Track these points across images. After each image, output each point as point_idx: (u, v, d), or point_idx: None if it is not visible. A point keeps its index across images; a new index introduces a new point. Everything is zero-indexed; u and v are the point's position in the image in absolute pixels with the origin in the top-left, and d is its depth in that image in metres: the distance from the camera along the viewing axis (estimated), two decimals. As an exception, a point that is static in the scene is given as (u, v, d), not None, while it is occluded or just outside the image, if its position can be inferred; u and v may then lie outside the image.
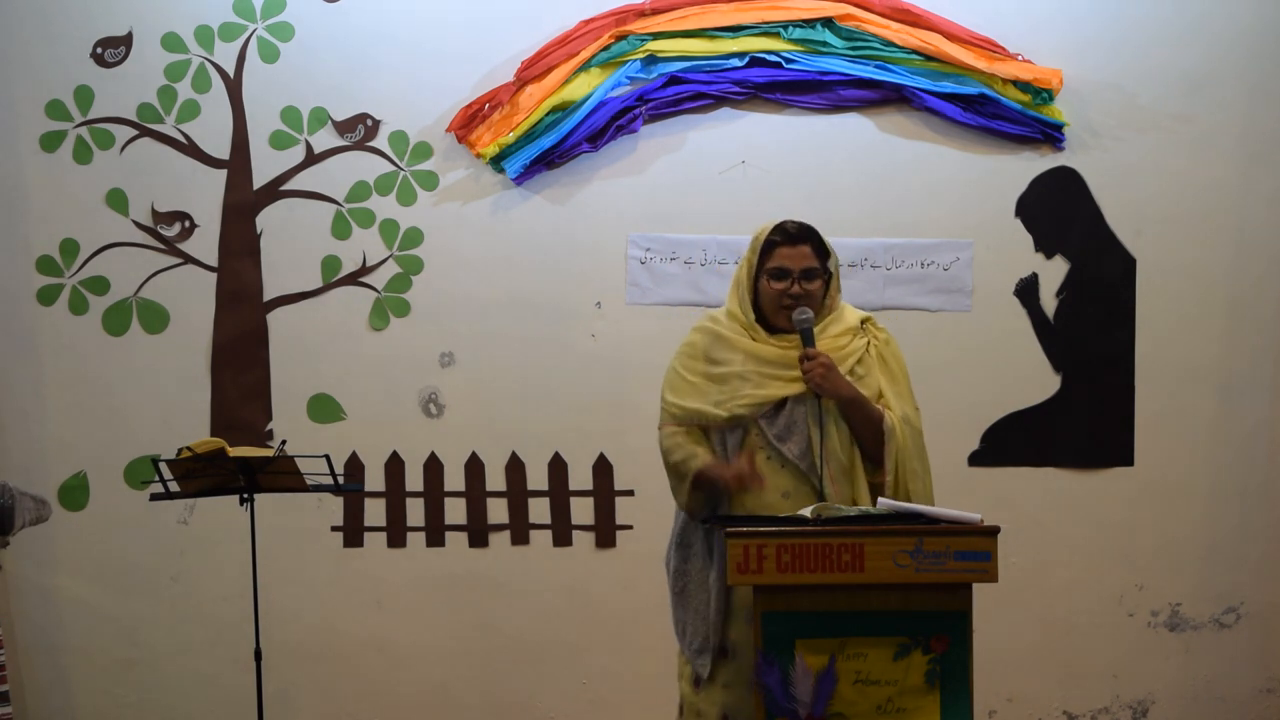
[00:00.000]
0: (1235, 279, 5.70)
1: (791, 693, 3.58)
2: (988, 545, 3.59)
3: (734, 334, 4.02)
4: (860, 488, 3.95)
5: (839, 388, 3.91)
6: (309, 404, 5.63)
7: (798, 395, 3.94)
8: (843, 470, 3.94)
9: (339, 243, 5.64)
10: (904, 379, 4.07)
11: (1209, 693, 5.72)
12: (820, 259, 4.01)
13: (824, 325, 4.02)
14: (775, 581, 3.59)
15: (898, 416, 3.96)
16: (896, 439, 3.93)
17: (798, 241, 3.99)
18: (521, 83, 5.57)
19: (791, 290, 3.97)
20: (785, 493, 3.93)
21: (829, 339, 3.99)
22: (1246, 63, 5.68)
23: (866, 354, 4.03)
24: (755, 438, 3.96)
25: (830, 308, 4.06)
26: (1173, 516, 5.70)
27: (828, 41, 5.58)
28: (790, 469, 3.94)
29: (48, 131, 5.60)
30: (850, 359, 3.99)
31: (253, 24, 5.63)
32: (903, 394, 4.04)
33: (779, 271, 3.98)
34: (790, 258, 3.98)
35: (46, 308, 5.61)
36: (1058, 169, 5.68)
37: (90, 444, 5.61)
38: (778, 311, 3.98)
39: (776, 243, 4.01)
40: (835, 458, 3.93)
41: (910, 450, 3.97)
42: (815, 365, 3.88)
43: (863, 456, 3.96)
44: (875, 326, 4.11)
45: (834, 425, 3.93)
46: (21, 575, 5.58)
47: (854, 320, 4.07)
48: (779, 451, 3.94)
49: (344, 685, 5.63)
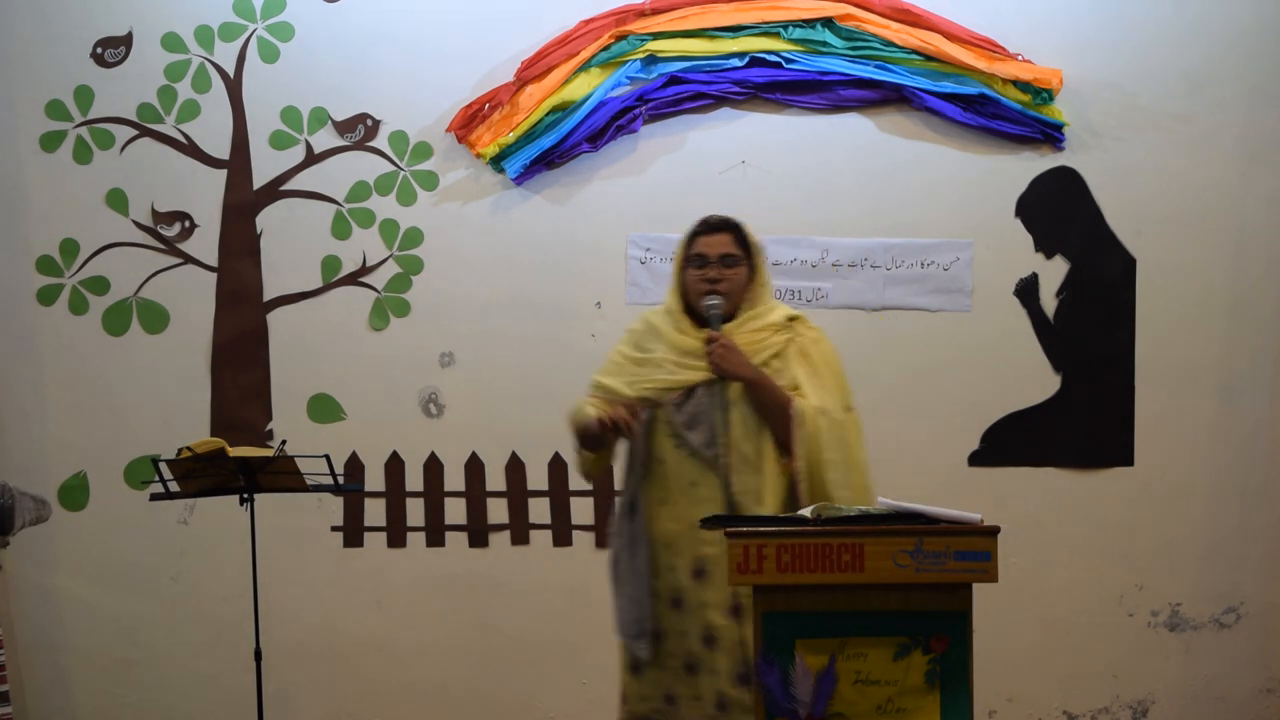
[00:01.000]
0: (1235, 279, 5.70)
1: (791, 693, 3.58)
2: (988, 545, 3.59)
3: (663, 325, 4.13)
4: (768, 478, 3.98)
5: (738, 368, 3.97)
6: (309, 404, 5.63)
7: (706, 384, 4.02)
8: (746, 460, 3.98)
9: (339, 243, 5.65)
10: (830, 375, 4.09)
11: (1209, 693, 5.72)
12: (742, 249, 4.10)
13: (745, 319, 4.09)
14: (775, 581, 3.59)
15: (812, 405, 3.98)
16: (806, 426, 3.96)
17: (717, 230, 4.11)
18: (521, 83, 5.57)
19: (708, 275, 4.05)
20: (692, 482, 4.03)
21: (747, 333, 4.05)
22: (1246, 63, 5.68)
23: (786, 350, 4.07)
24: (663, 426, 4.05)
25: (754, 301, 4.11)
26: (1173, 516, 5.70)
27: (828, 41, 5.58)
28: (696, 458, 4.02)
29: (48, 131, 5.60)
30: (765, 352, 4.05)
31: (253, 24, 5.63)
32: (826, 388, 4.06)
33: (698, 259, 4.09)
34: (709, 245, 4.09)
35: (46, 308, 5.61)
36: (1058, 169, 5.68)
37: (90, 444, 5.61)
38: (699, 299, 4.07)
39: (698, 233, 4.13)
40: (738, 447, 3.98)
41: (826, 440, 3.99)
42: (716, 346, 3.97)
43: (777, 444, 4.00)
44: (805, 325, 4.15)
45: (739, 415, 3.99)
46: (21, 575, 5.58)
47: (779, 318, 4.12)
48: (685, 440, 4.02)
49: (344, 685, 5.64)
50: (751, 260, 4.12)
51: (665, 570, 4.06)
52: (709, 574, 4.01)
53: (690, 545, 4.02)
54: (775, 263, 5.64)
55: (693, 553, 4.02)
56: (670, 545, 4.05)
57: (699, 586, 4.02)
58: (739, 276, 4.08)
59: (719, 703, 4.00)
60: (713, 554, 3.98)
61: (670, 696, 4.06)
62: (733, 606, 3.99)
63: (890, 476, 5.49)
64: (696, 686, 4.03)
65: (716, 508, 3.98)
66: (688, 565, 4.03)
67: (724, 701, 3.99)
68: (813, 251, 5.65)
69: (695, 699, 4.03)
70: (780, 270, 5.63)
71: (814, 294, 5.65)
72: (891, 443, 5.64)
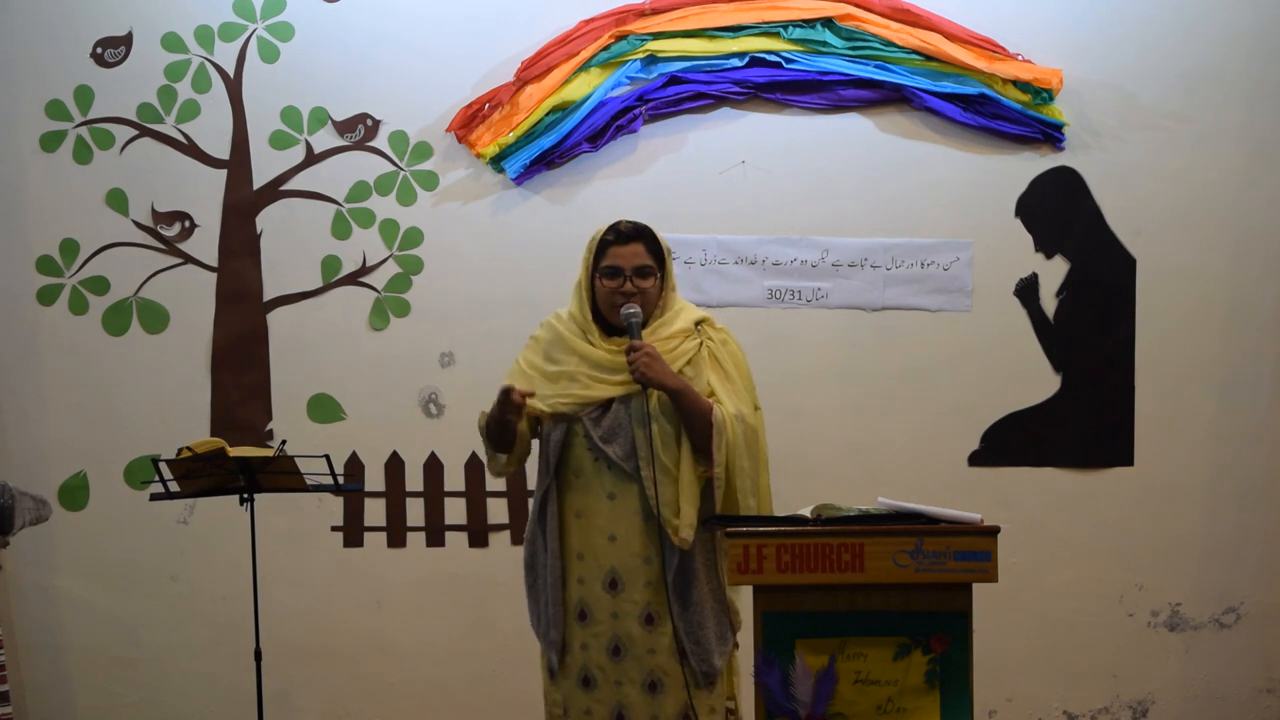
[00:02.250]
0: (1235, 279, 5.69)
1: (791, 693, 3.58)
2: (988, 545, 3.59)
3: (571, 335, 4.07)
4: (685, 487, 3.96)
5: (663, 377, 3.93)
6: (309, 404, 5.63)
7: (623, 397, 3.99)
8: (664, 470, 3.96)
9: (339, 243, 5.64)
10: (740, 378, 4.09)
11: (1209, 693, 5.72)
12: (654, 258, 4.05)
13: (656, 326, 4.05)
14: (775, 581, 3.59)
15: (729, 411, 3.97)
16: (726, 433, 3.95)
17: (630, 240, 4.04)
18: (521, 83, 5.57)
19: (624, 288, 4.01)
20: (611, 494, 4.01)
21: (659, 341, 4.01)
22: (1246, 63, 5.68)
23: (698, 355, 4.04)
24: (581, 439, 4.02)
25: (664, 307, 4.08)
26: (1173, 516, 5.70)
27: (828, 41, 5.58)
28: (615, 470, 3.99)
29: (48, 131, 5.60)
30: (680, 360, 4.01)
31: (253, 24, 5.63)
32: (738, 392, 4.05)
33: (611, 270, 4.03)
34: (622, 256, 4.02)
35: (46, 308, 5.61)
36: (1058, 169, 5.68)
37: (90, 444, 5.61)
38: (612, 310, 4.02)
39: (610, 242, 4.05)
40: (657, 458, 3.95)
41: (741, 447, 3.98)
42: (639, 355, 3.92)
43: (694, 451, 3.98)
44: (713, 327, 4.12)
45: (658, 426, 3.96)
46: (21, 575, 5.58)
47: (688, 321, 4.09)
48: (604, 453, 3.99)
49: (344, 685, 5.64)
50: (663, 267, 4.07)
51: (575, 583, 4.04)
52: (624, 583, 4.00)
53: (606, 557, 4.00)
54: (775, 263, 5.65)
55: (607, 564, 4.00)
56: (584, 557, 4.03)
57: (612, 598, 4.00)
58: (654, 288, 4.04)
59: (617, 714, 4.00)
60: (631, 565, 3.98)
61: (566, 708, 4.07)
62: (647, 615, 3.99)
63: (890, 476, 5.53)
64: (591, 699, 4.02)
65: (636, 519, 3.98)
66: (601, 577, 4.01)
67: (623, 712, 3.99)
68: (813, 251, 5.65)
69: (586, 713, 4.03)
70: (780, 270, 5.63)
71: (814, 294, 5.65)
72: (891, 443, 5.66)
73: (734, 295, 5.64)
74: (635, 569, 3.99)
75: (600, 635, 4.01)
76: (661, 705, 3.99)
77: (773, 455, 5.57)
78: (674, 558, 3.97)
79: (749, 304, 5.65)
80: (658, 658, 3.99)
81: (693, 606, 3.99)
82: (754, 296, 5.65)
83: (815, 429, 5.64)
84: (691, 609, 3.99)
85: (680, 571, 3.98)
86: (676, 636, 3.97)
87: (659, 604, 3.98)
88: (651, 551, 3.98)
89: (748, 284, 5.65)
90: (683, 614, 3.98)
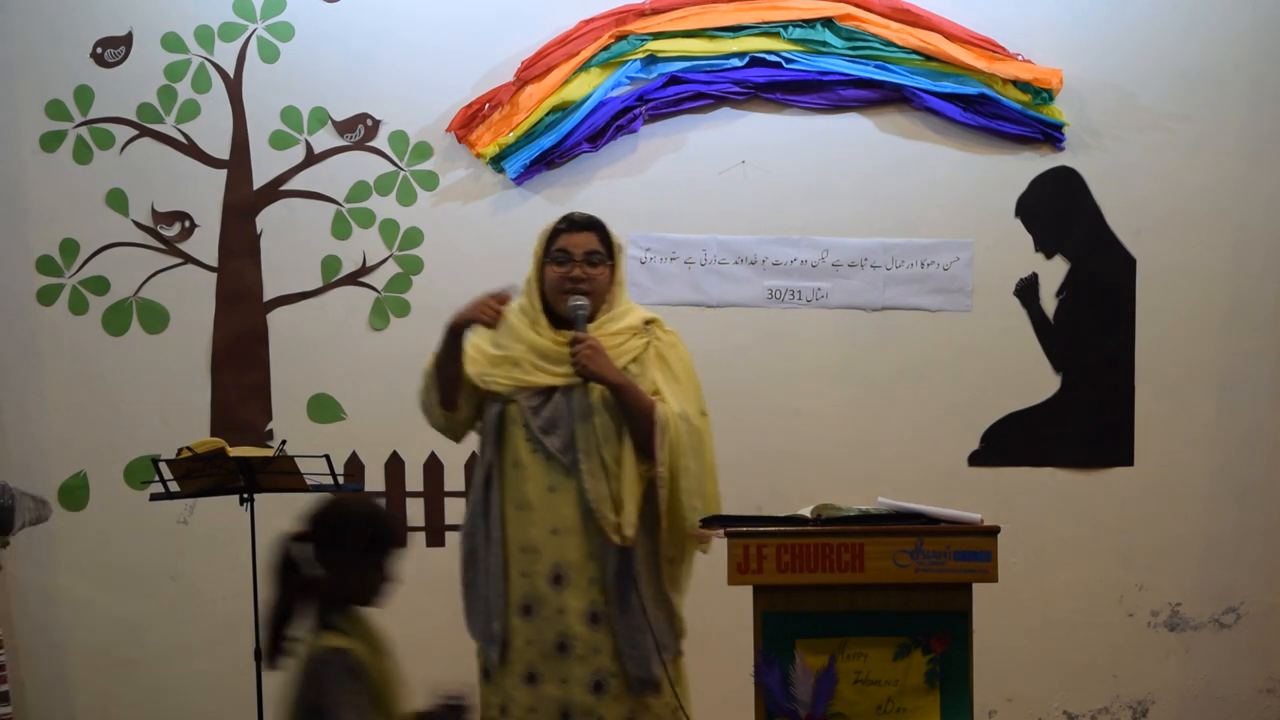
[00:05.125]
0: (1235, 279, 5.70)
1: (791, 693, 3.58)
2: (988, 545, 3.60)
3: (520, 323, 4.05)
4: (627, 484, 3.93)
5: (604, 370, 3.89)
6: (309, 404, 5.63)
7: (565, 388, 3.96)
8: (605, 465, 3.92)
9: (339, 243, 5.65)
10: (687, 379, 4.06)
11: (1209, 693, 5.72)
12: (605, 248, 4.04)
13: (603, 321, 4.02)
14: (775, 581, 3.59)
15: (673, 410, 3.94)
16: (670, 432, 3.92)
17: (583, 229, 4.04)
18: (521, 83, 5.57)
19: (572, 274, 3.99)
20: (551, 486, 3.96)
21: (605, 336, 3.98)
22: (1246, 63, 5.68)
23: (645, 354, 4.02)
24: (520, 429, 3.98)
25: (612, 303, 4.06)
26: (1173, 516, 5.70)
27: (828, 41, 5.58)
28: (554, 463, 3.96)
29: (48, 131, 5.60)
30: (625, 357, 3.99)
31: (253, 24, 5.63)
32: (684, 394, 4.01)
33: (561, 255, 4.01)
34: (572, 242, 4.02)
35: (46, 308, 5.61)
36: (1058, 169, 5.68)
37: (90, 444, 5.61)
38: (560, 298, 3.99)
39: (561, 230, 4.06)
40: (596, 453, 3.92)
41: (686, 447, 3.95)
42: (583, 347, 3.88)
43: (636, 449, 3.95)
44: (662, 329, 4.10)
45: (598, 420, 3.94)
46: (21, 575, 5.58)
47: (637, 320, 4.07)
48: (543, 445, 3.96)
49: (344, 685, 5.63)
50: (613, 260, 4.06)
51: (519, 576, 3.98)
52: (568, 579, 3.95)
53: (550, 551, 3.95)
54: (775, 263, 5.65)
55: (552, 559, 3.95)
56: (527, 551, 3.98)
57: (557, 593, 3.96)
58: (603, 276, 4.02)
59: (563, 713, 3.95)
60: (574, 560, 3.94)
61: (504, 707, 4.00)
62: (591, 614, 3.95)
63: (890, 476, 5.53)
64: (535, 696, 3.96)
65: (574, 513, 3.94)
66: (546, 571, 3.96)
67: (568, 711, 3.95)
68: (813, 251, 5.65)
69: (531, 710, 3.96)
70: (780, 270, 5.63)
71: (814, 294, 5.65)
72: (891, 443, 5.66)
73: (734, 295, 5.64)
74: (579, 565, 3.93)
75: (545, 631, 3.95)
76: (608, 708, 3.93)
77: (773, 455, 5.63)
78: (613, 557, 3.92)
79: (749, 304, 5.65)
80: (603, 658, 3.94)
81: (631, 610, 3.93)
82: (754, 296, 5.65)
83: (815, 429, 5.64)
84: (630, 612, 3.93)
85: (619, 572, 3.93)
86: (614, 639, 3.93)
87: (603, 603, 3.93)
88: (595, 548, 3.94)
89: (748, 284, 5.65)
90: (620, 617, 3.93)
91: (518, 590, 3.98)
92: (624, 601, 3.93)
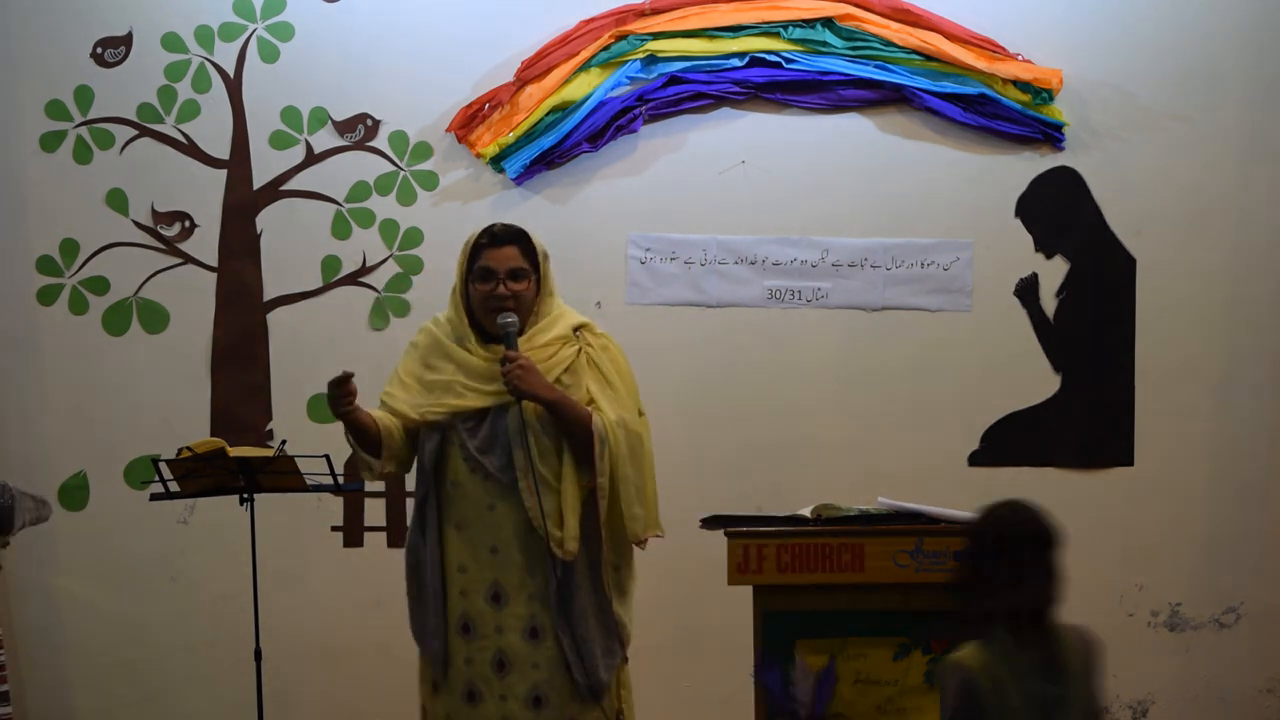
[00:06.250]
0: (1235, 279, 5.69)
1: (791, 693, 3.58)
2: (988, 545, 3.59)
3: (448, 341, 4.02)
4: (568, 499, 3.90)
5: (536, 388, 3.85)
6: (309, 404, 5.63)
7: (499, 407, 3.92)
8: (544, 481, 3.89)
9: (339, 243, 5.65)
10: (622, 382, 4.02)
11: (1209, 693, 5.72)
12: (529, 261, 3.99)
13: (532, 333, 3.98)
14: (775, 581, 3.60)
15: (611, 419, 3.91)
16: (609, 442, 3.89)
17: (505, 243, 3.98)
18: (521, 83, 5.57)
19: (497, 291, 3.95)
20: (490, 505, 3.94)
21: (536, 348, 3.95)
22: (1246, 63, 5.68)
23: (577, 362, 3.99)
24: (457, 450, 3.95)
25: (541, 313, 4.02)
26: (1173, 516, 5.69)
27: (828, 41, 5.58)
28: (493, 482, 3.93)
29: (48, 131, 5.60)
30: (557, 369, 3.95)
31: (253, 24, 5.63)
32: (619, 398, 3.98)
33: (485, 272, 3.97)
34: (495, 259, 3.97)
35: (46, 308, 5.61)
36: (1058, 169, 5.68)
37: (90, 444, 5.61)
38: (488, 315, 3.96)
39: (483, 245, 4.00)
40: (536, 469, 3.88)
41: (625, 455, 3.92)
42: (513, 366, 3.84)
43: (575, 462, 3.92)
44: (592, 333, 4.06)
45: (534, 437, 3.90)
46: (21, 575, 5.58)
47: (566, 328, 4.02)
48: (481, 464, 3.93)
49: (344, 685, 5.63)
50: (539, 270, 4.02)
51: (458, 596, 3.97)
52: (507, 597, 3.94)
53: (488, 570, 3.94)
54: (775, 263, 5.65)
55: (490, 577, 3.95)
56: (466, 570, 3.97)
57: (495, 611, 3.95)
58: (528, 291, 3.97)
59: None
60: (513, 577, 3.93)
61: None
62: (530, 629, 3.94)
63: (890, 476, 5.53)
64: (476, 714, 3.95)
65: (514, 531, 3.91)
66: (483, 590, 3.95)
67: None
68: (813, 251, 5.65)
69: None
70: (780, 270, 5.63)
71: (814, 294, 5.65)
72: (891, 443, 5.66)
73: (734, 295, 5.64)
74: (518, 582, 3.92)
75: (484, 649, 3.94)
76: None
77: (773, 455, 5.62)
78: (557, 570, 3.90)
79: (749, 304, 5.65)
80: (541, 672, 3.92)
81: (576, 619, 3.92)
82: (754, 296, 5.65)
83: (815, 429, 5.64)
84: (575, 622, 3.92)
85: (563, 584, 3.92)
86: (561, 649, 3.92)
87: (543, 617, 3.92)
88: (534, 563, 3.92)
89: (748, 284, 5.65)
90: (566, 627, 3.92)
91: (456, 609, 3.97)
92: (567, 613, 3.92)
